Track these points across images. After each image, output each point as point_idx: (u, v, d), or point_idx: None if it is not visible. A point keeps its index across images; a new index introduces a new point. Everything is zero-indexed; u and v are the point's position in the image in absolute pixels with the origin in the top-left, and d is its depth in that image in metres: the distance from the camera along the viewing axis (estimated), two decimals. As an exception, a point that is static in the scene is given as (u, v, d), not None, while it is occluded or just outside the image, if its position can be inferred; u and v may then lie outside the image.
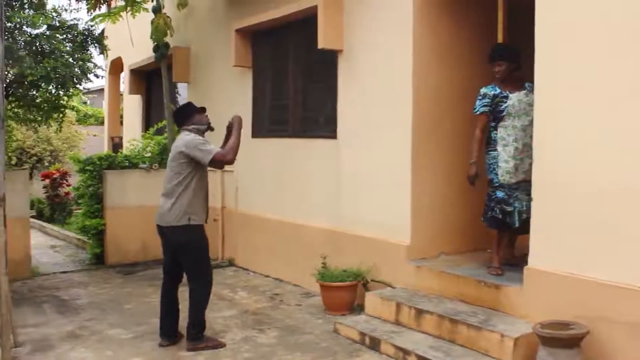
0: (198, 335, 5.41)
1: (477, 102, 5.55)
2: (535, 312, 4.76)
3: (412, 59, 6.04)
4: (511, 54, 5.56)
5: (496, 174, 5.46)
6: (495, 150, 5.49)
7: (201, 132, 5.54)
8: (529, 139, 5.21)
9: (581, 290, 4.48)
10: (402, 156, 6.14)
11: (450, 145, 6.35)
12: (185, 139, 5.38)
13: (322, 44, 6.77)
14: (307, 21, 7.25)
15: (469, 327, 4.88)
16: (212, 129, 5.67)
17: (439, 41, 6.23)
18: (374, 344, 5.26)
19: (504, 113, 5.42)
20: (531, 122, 5.06)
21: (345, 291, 6.29)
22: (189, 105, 5.88)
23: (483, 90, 5.53)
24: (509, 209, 5.40)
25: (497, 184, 5.47)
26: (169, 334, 5.54)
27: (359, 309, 6.23)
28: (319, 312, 6.40)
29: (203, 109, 5.68)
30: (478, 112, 5.55)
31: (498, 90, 5.47)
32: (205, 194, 5.53)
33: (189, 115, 5.58)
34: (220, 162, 5.36)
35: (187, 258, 5.41)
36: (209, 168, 5.46)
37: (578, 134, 4.53)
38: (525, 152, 5.35)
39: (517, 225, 5.41)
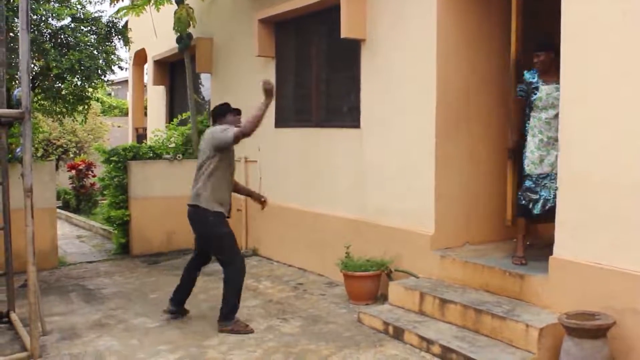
0: (229, 316, 5.57)
1: (518, 85, 5.51)
2: (561, 302, 4.72)
3: (436, 48, 5.99)
4: (550, 43, 5.38)
5: (524, 163, 5.42)
6: (526, 139, 5.44)
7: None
8: (554, 132, 5.13)
9: (608, 281, 4.43)
10: (426, 146, 6.10)
11: (475, 134, 6.30)
12: (212, 131, 5.65)
13: (345, 33, 6.74)
14: (330, 10, 7.23)
15: (494, 317, 4.85)
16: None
17: (463, 30, 6.17)
18: (398, 334, 5.25)
19: (534, 103, 5.36)
20: (556, 116, 4.99)
21: (368, 281, 6.29)
22: (225, 104, 6.04)
23: (525, 75, 5.46)
24: (535, 197, 5.35)
25: (525, 173, 5.42)
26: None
27: (383, 298, 6.23)
28: (343, 302, 6.40)
29: (238, 111, 5.90)
30: (516, 96, 5.52)
31: (535, 79, 5.38)
32: (228, 184, 5.76)
33: (223, 114, 5.83)
34: (238, 137, 5.47)
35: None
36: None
37: (605, 124, 4.47)
38: (551, 144, 5.27)
39: (537, 212, 5.35)
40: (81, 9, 8.10)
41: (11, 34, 7.01)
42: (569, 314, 4.33)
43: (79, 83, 8.24)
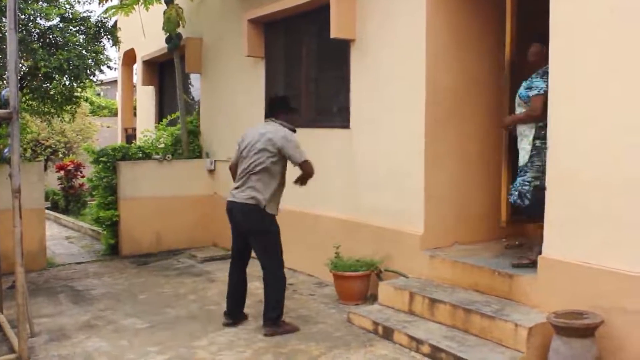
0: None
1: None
2: (549, 301, 4.74)
3: (426, 48, 6.00)
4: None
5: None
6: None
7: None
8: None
9: (596, 280, 4.45)
10: (416, 146, 6.12)
11: (465, 134, 6.32)
12: (280, 131, 5.45)
13: (334, 33, 6.74)
14: (319, 10, 7.23)
15: (483, 317, 4.87)
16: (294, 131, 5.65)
17: (453, 29, 6.18)
18: (388, 334, 5.26)
19: None
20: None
21: (358, 281, 6.29)
22: (287, 99, 5.89)
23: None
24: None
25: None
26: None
27: (373, 298, 6.24)
28: (333, 302, 6.40)
29: (297, 110, 5.82)
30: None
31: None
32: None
33: (285, 111, 5.66)
34: (308, 168, 5.56)
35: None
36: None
37: (594, 122, 4.48)
38: None
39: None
40: (70, 8, 8.06)
41: (-2, 33, 6.97)
42: (557, 313, 4.34)
43: (67, 83, 8.20)
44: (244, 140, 5.61)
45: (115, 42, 8.77)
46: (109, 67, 8.70)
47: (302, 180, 5.64)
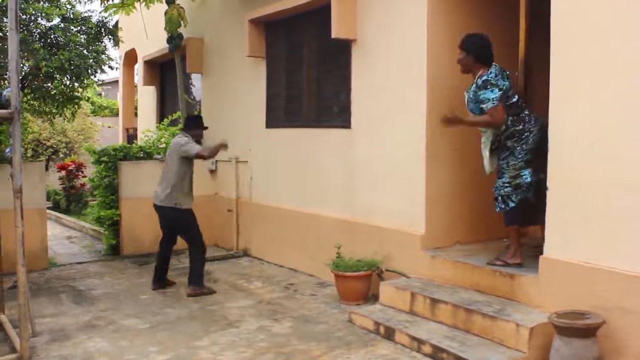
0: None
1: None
2: (551, 301, 4.74)
3: (427, 48, 6.00)
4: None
5: None
6: None
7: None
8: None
9: (597, 280, 4.44)
10: (417, 145, 6.12)
11: (466, 133, 6.30)
12: (181, 139, 6.90)
13: (335, 33, 6.74)
14: (320, 11, 7.23)
15: (484, 317, 4.87)
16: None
17: (454, 29, 6.16)
18: (389, 334, 5.26)
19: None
20: None
21: (359, 281, 6.29)
22: (200, 119, 7.31)
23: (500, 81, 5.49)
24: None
25: None
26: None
27: (374, 298, 6.24)
28: (334, 302, 6.40)
29: (205, 128, 7.29)
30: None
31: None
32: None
33: (195, 127, 7.11)
34: (198, 157, 6.85)
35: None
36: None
37: (595, 124, 4.48)
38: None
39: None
40: (71, 8, 8.07)
41: (0, 33, 6.97)
42: (559, 313, 4.34)
43: (68, 83, 8.21)
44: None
45: (117, 42, 8.78)
46: (110, 67, 8.72)
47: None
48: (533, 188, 5.23)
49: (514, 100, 5.32)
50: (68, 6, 8.05)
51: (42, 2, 7.84)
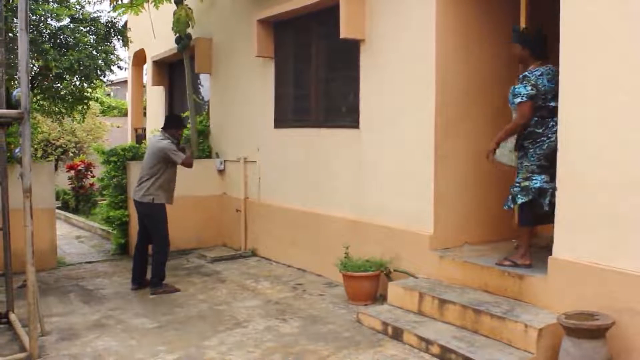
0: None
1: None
2: (560, 302, 4.72)
3: (436, 48, 5.99)
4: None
5: None
6: None
7: (172, 142, 7.11)
8: None
9: (607, 281, 4.43)
10: (425, 145, 6.11)
11: (475, 133, 6.30)
12: (162, 142, 7.04)
13: (344, 33, 6.73)
14: (329, 11, 7.23)
15: (493, 318, 4.85)
16: (180, 148, 7.20)
17: (463, 29, 6.17)
18: (397, 334, 5.25)
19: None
20: None
21: (367, 281, 6.29)
22: (179, 118, 7.48)
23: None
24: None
25: None
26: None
27: (382, 299, 6.23)
28: (342, 302, 6.40)
29: (184, 127, 7.64)
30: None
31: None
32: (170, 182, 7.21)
33: (173, 126, 7.20)
34: (182, 165, 7.10)
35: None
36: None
37: (604, 123, 4.46)
38: None
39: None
40: (80, 9, 8.10)
41: (10, 34, 7.01)
42: (568, 314, 4.33)
43: (78, 83, 8.23)
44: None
45: (125, 42, 8.81)
46: (119, 67, 8.75)
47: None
48: (549, 195, 5.15)
49: (551, 104, 5.18)
50: (77, 7, 8.08)
51: (51, 3, 7.88)
